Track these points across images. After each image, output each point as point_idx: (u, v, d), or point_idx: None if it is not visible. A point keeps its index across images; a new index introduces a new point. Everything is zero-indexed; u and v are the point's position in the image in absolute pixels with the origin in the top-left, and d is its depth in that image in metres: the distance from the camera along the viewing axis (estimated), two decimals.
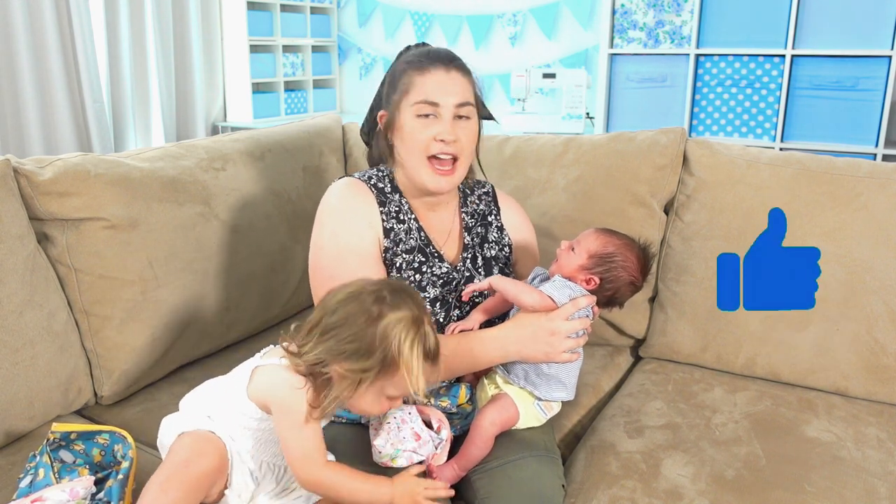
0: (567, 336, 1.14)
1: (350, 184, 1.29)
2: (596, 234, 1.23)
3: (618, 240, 1.21)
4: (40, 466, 1.05)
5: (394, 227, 1.26)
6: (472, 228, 1.36)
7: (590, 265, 1.19)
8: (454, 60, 1.25)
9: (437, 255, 1.28)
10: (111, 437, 1.15)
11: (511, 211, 1.43)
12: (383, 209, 1.26)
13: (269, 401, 0.99)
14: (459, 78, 1.23)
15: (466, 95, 1.23)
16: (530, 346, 1.15)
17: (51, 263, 1.38)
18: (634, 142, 1.71)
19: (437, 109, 1.21)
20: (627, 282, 1.20)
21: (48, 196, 1.35)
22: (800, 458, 1.25)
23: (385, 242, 1.25)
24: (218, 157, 1.68)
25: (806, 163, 1.57)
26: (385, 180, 1.31)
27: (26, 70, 3.07)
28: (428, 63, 1.23)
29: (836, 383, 1.48)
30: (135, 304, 1.44)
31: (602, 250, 1.20)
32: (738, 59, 3.28)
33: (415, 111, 1.22)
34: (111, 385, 1.44)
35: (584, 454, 1.30)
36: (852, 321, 1.46)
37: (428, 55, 1.25)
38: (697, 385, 1.52)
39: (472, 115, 1.25)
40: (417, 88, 1.22)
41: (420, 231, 1.29)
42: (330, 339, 0.95)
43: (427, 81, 1.22)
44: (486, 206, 1.40)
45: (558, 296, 1.15)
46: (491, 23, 4.18)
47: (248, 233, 1.68)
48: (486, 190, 1.43)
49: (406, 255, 1.25)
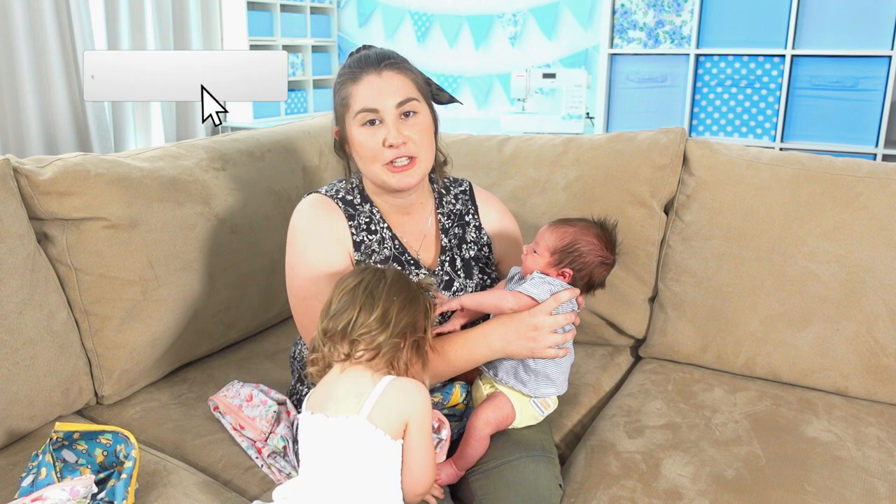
0: (551, 331, 1.14)
1: (315, 202, 1.28)
2: (550, 229, 1.22)
3: (572, 227, 1.21)
4: (42, 465, 1.05)
5: (364, 239, 1.25)
6: (448, 230, 1.34)
7: (555, 261, 1.19)
8: (384, 60, 1.22)
9: (413, 262, 1.28)
10: (114, 437, 1.15)
11: (489, 208, 1.41)
12: (352, 222, 1.26)
13: (410, 418, 0.99)
14: (393, 77, 1.20)
15: (406, 92, 1.20)
16: (514, 342, 1.15)
17: (51, 263, 1.38)
18: (634, 142, 1.71)
19: (379, 115, 1.19)
20: (598, 263, 1.20)
21: (48, 196, 1.35)
22: (800, 458, 1.25)
23: (356, 256, 1.24)
24: (218, 157, 1.68)
25: (806, 163, 1.58)
26: (354, 192, 1.30)
27: (26, 70, 3.08)
28: (359, 71, 1.21)
29: (836, 383, 1.48)
30: (135, 304, 1.44)
31: (560, 243, 1.20)
32: (738, 59, 3.28)
33: (359, 121, 1.20)
34: (111, 385, 1.44)
35: (583, 454, 1.30)
36: (852, 321, 1.46)
37: (359, 62, 1.23)
38: (697, 385, 1.53)
39: (419, 110, 1.22)
40: (355, 98, 1.20)
41: (394, 240, 1.28)
42: (388, 322, 1.01)
43: (362, 89, 1.20)
44: (464, 206, 1.38)
45: (537, 292, 1.15)
46: (491, 23, 4.18)
47: (248, 233, 1.69)
48: (463, 188, 1.41)
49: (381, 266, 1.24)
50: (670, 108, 3.44)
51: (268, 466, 1.25)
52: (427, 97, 1.27)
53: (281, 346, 1.73)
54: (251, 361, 1.66)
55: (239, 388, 1.37)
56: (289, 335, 1.79)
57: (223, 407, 1.36)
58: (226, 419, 1.35)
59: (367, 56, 1.24)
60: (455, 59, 4.32)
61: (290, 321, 1.87)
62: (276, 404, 1.33)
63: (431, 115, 1.27)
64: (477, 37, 4.22)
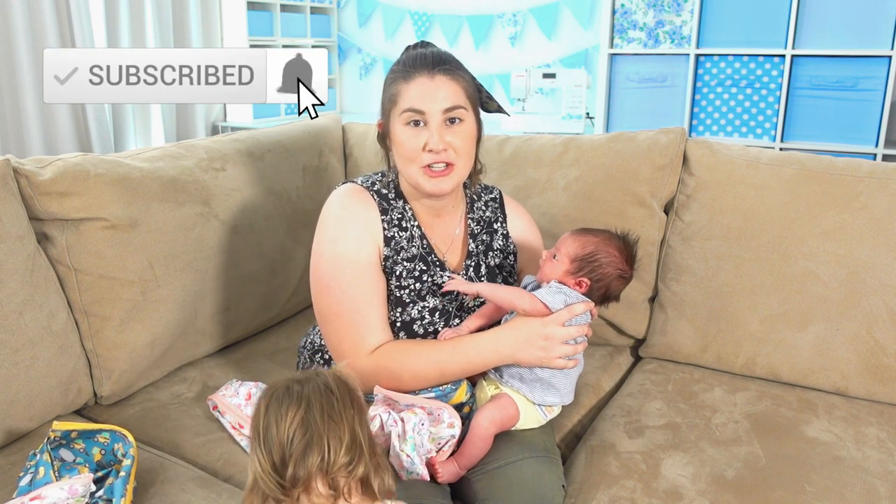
0: (563, 342, 1.15)
1: (352, 191, 1.28)
2: (573, 236, 1.22)
3: (595, 237, 1.21)
4: (40, 465, 1.05)
5: (395, 235, 1.26)
6: (477, 235, 1.35)
7: (574, 269, 1.19)
8: (439, 64, 1.21)
9: (438, 263, 1.28)
10: (112, 436, 1.15)
11: (517, 218, 1.42)
12: (385, 217, 1.26)
13: None
14: (445, 82, 1.20)
15: (455, 99, 1.20)
16: (525, 350, 1.15)
17: (51, 263, 1.38)
18: (634, 142, 1.71)
19: (424, 117, 1.19)
20: (616, 276, 1.20)
21: (48, 196, 1.35)
22: (800, 458, 1.25)
23: (385, 251, 1.25)
24: (218, 157, 1.68)
25: (806, 163, 1.57)
26: (390, 186, 1.31)
27: (26, 70, 3.07)
28: (412, 70, 1.21)
29: (836, 383, 1.48)
30: (134, 305, 1.44)
31: (582, 251, 1.19)
32: (738, 59, 3.28)
33: (403, 120, 1.21)
34: (111, 385, 1.44)
35: (584, 454, 1.30)
36: (852, 321, 1.46)
37: (414, 61, 1.22)
38: (697, 385, 1.53)
39: (464, 118, 1.22)
40: (404, 97, 1.20)
41: (423, 238, 1.28)
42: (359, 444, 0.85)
43: (412, 89, 1.20)
44: (493, 213, 1.39)
45: (552, 301, 1.15)
46: (491, 23, 4.18)
47: (248, 233, 1.68)
48: (493, 196, 1.42)
49: (407, 263, 1.25)
50: (670, 108, 3.44)
51: None
52: (476, 105, 1.27)
53: (281, 346, 1.73)
54: (251, 361, 1.66)
55: (238, 386, 1.37)
56: (289, 335, 1.79)
57: (222, 406, 1.36)
58: (225, 418, 1.35)
59: (424, 56, 1.22)
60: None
61: (290, 321, 1.87)
62: None
63: (476, 124, 1.27)
64: (477, 37, 4.22)
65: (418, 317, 1.25)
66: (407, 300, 1.25)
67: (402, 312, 1.25)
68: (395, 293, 1.25)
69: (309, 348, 1.41)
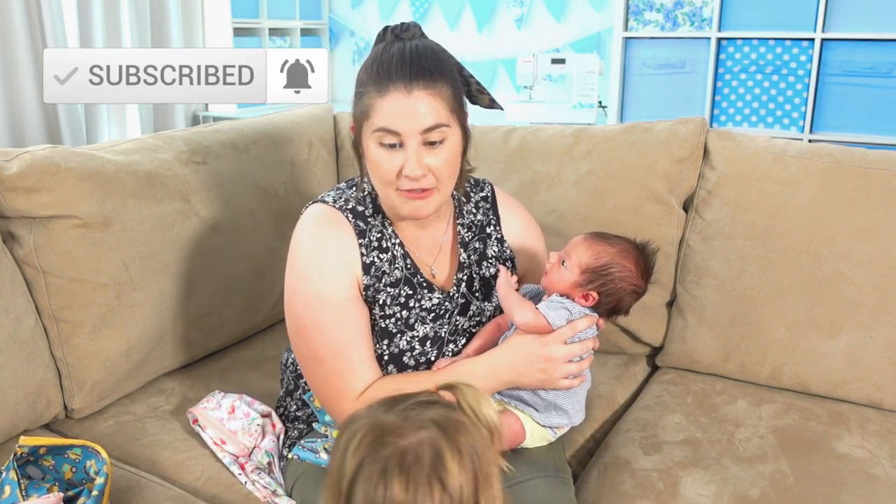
0: (565, 361, 1.14)
1: (322, 216, 1.22)
2: (586, 243, 1.18)
3: (611, 247, 1.17)
4: (6, 483, 1.05)
5: (375, 260, 1.20)
6: (468, 243, 1.30)
7: (584, 281, 1.16)
8: (417, 74, 1.11)
9: (426, 285, 1.23)
10: (83, 451, 1.15)
11: (512, 217, 1.36)
12: (362, 240, 1.20)
13: None
14: (424, 98, 1.11)
15: (435, 117, 1.11)
16: (525, 373, 1.14)
17: (17, 265, 1.39)
18: (651, 133, 1.71)
19: (400, 138, 1.11)
20: (629, 291, 1.18)
21: (14, 192, 1.35)
22: (830, 476, 1.26)
23: (365, 280, 1.19)
24: (199, 149, 1.68)
25: (837, 156, 1.58)
26: (366, 200, 1.24)
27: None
28: (386, 80, 1.11)
29: (870, 395, 1.48)
30: (108, 310, 1.44)
31: (595, 262, 1.16)
32: (764, 44, 3.28)
33: (376, 139, 1.13)
34: (83, 397, 1.44)
35: (596, 472, 1.30)
36: (887, 327, 1.46)
37: (389, 67, 1.12)
38: (719, 397, 1.53)
39: (446, 135, 1.14)
40: (377, 113, 1.12)
41: (406, 258, 1.23)
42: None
43: (385, 105, 1.11)
44: (485, 215, 1.33)
45: (553, 316, 1.13)
46: (495, 4, 4.18)
47: (232, 232, 1.69)
48: (484, 195, 1.35)
49: (390, 288, 1.20)
50: (690, 96, 3.44)
51: (252, 483, 1.25)
52: (460, 114, 1.17)
53: (266, 355, 1.74)
54: (234, 371, 1.66)
55: (220, 398, 1.37)
56: (275, 342, 1.79)
57: (203, 420, 1.36)
58: (206, 433, 1.35)
59: (402, 59, 1.13)
60: (456, 43, 4.32)
61: (277, 327, 1.88)
62: (261, 416, 1.33)
63: (462, 136, 1.19)
64: (480, 19, 4.22)
65: (408, 348, 1.21)
66: (394, 330, 1.20)
67: (389, 345, 1.20)
68: (380, 324, 1.20)
69: (291, 368, 1.37)
